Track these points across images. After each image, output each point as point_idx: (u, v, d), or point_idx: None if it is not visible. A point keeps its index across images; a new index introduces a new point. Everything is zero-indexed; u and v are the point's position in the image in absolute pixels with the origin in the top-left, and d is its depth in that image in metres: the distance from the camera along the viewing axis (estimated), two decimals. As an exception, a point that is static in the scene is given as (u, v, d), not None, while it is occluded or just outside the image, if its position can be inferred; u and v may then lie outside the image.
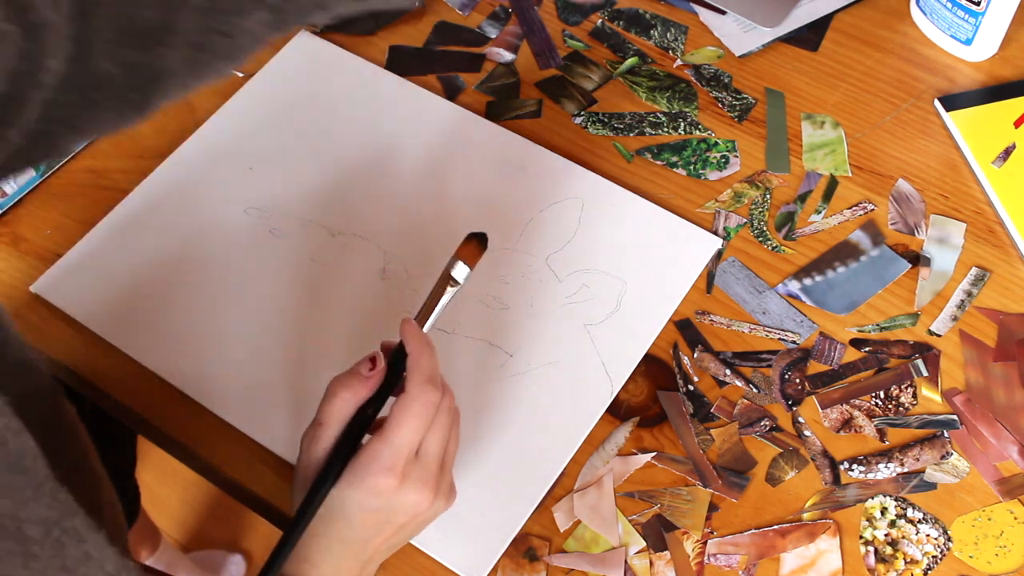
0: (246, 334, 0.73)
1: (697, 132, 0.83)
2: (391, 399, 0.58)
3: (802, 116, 0.84)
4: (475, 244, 0.62)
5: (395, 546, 0.60)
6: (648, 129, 0.84)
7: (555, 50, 0.89)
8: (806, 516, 0.66)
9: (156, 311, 0.74)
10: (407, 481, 0.56)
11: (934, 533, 0.65)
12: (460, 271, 0.61)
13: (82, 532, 0.46)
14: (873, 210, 0.78)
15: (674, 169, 0.81)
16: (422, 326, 0.60)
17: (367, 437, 0.58)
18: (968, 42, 0.85)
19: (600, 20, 0.90)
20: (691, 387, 0.71)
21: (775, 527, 0.66)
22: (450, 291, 0.61)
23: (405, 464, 0.56)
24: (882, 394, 0.70)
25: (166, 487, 1.46)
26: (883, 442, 0.69)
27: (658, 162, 0.82)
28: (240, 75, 0.87)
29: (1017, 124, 0.81)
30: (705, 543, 0.65)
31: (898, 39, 0.88)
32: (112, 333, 0.73)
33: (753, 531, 0.66)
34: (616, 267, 0.75)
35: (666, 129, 0.83)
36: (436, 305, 0.61)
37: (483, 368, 0.71)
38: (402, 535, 0.59)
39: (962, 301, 0.74)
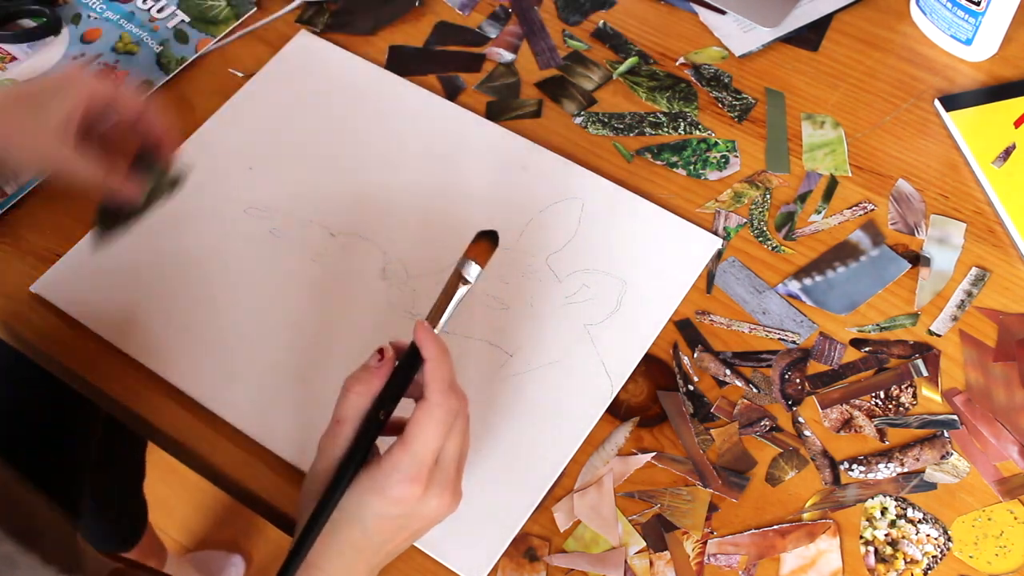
0: (246, 334, 0.73)
1: (697, 132, 0.83)
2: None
3: (802, 116, 0.84)
4: (486, 243, 0.61)
5: (402, 550, 0.60)
6: (648, 129, 0.84)
7: (555, 50, 0.89)
8: (806, 516, 0.66)
9: (156, 311, 0.74)
10: (429, 489, 0.56)
11: (934, 533, 0.65)
12: (470, 270, 0.59)
13: (14, 557, 0.48)
14: (873, 210, 0.78)
15: (674, 169, 0.81)
16: (434, 327, 0.58)
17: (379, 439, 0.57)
18: (968, 42, 0.85)
19: (601, 21, 0.90)
20: (691, 387, 0.71)
21: (775, 527, 0.66)
22: (462, 290, 0.59)
23: (428, 472, 0.56)
24: (882, 394, 0.70)
25: (167, 487, 1.46)
26: (883, 442, 0.69)
27: (658, 162, 0.82)
28: (240, 75, 0.87)
29: (1017, 124, 0.81)
30: (705, 543, 0.65)
31: (898, 39, 0.88)
32: (112, 333, 0.73)
33: (753, 531, 0.66)
34: (616, 267, 0.75)
35: (666, 129, 0.83)
36: (447, 306, 0.59)
37: (483, 368, 0.71)
38: (412, 539, 0.59)
39: (962, 301, 0.74)
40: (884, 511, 0.66)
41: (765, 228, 0.78)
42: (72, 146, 0.66)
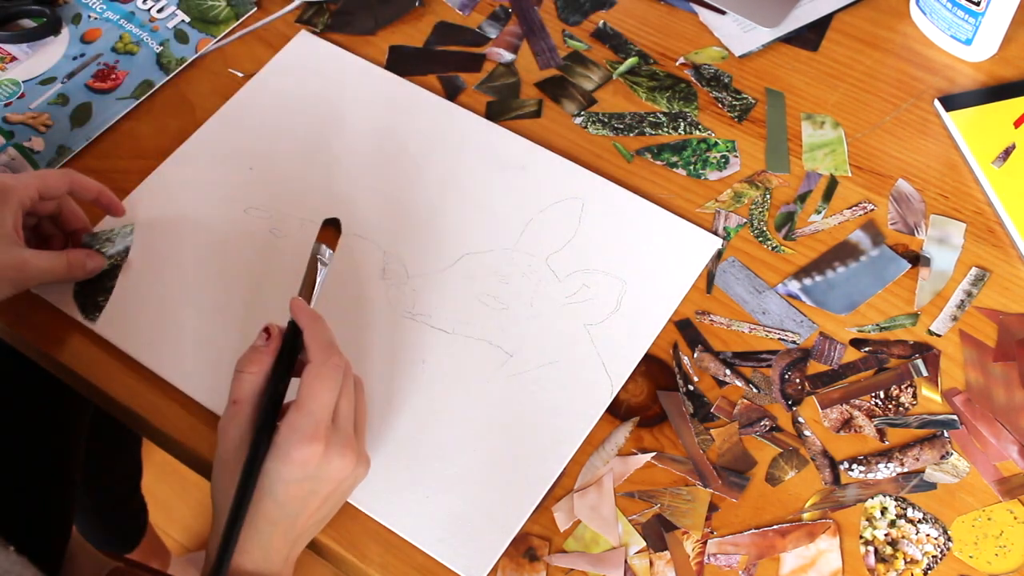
0: (246, 334, 0.73)
1: (697, 132, 0.83)
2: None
3: (802, 116, 0.84)
4: (332, 229, 0.69)
5: (322, 521, 0.61)
6: (648, 129, 0.84)
7: (555, 50, 0.89)
8: (806, 516, 0.66)
9: (156, 311, 0.74)
10: (330, 447, 0.57)
11: (934, 533, 0.65)
12: (324, 253, 0.67)
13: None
14: (873, 210, 0.78)
15: (674, 169, 0.81)
16: (309, 304, 0.64)
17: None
18: (968, 42, 0.85)
19: (601, 21, 0.90)
20: (691, 387, 0.71)
21: (775, 527, 0.66)
22: (322, 272, 0.67)
23: (326, 431, 0.57)
24: (882, 394, 0.70)
25: (167, 488, 1.46)
26: (883, 442, 0.69)
27: (658, 162, 0.82)
28: (240, 75, 0.87)
29: (1017, 124, 0.81)
30: (705, 543, 0.65)
31: (898, 39, 0.88)
32: (112, 333, 0.73)
33: (753, 531, 0.66)
34: (616, 267, 0.75)
35: (666, 129, 0.83)
36: (314, 285, 0.66)
37: (483, 368, 0.71)
38: (327, 507, 0.60)
39: (962, 301, 0.74)
40: (884, 511, 0.66)
41: (765, 228, 0.78)
42: (24, 246, 0.69)
